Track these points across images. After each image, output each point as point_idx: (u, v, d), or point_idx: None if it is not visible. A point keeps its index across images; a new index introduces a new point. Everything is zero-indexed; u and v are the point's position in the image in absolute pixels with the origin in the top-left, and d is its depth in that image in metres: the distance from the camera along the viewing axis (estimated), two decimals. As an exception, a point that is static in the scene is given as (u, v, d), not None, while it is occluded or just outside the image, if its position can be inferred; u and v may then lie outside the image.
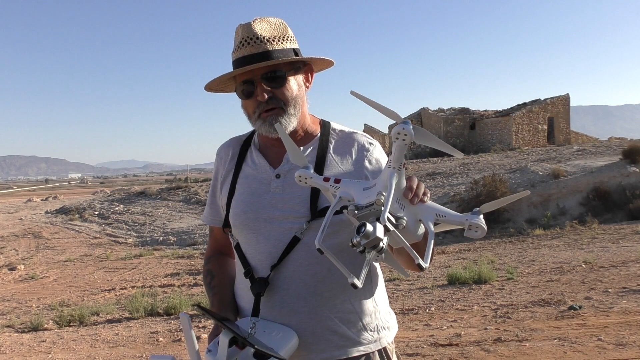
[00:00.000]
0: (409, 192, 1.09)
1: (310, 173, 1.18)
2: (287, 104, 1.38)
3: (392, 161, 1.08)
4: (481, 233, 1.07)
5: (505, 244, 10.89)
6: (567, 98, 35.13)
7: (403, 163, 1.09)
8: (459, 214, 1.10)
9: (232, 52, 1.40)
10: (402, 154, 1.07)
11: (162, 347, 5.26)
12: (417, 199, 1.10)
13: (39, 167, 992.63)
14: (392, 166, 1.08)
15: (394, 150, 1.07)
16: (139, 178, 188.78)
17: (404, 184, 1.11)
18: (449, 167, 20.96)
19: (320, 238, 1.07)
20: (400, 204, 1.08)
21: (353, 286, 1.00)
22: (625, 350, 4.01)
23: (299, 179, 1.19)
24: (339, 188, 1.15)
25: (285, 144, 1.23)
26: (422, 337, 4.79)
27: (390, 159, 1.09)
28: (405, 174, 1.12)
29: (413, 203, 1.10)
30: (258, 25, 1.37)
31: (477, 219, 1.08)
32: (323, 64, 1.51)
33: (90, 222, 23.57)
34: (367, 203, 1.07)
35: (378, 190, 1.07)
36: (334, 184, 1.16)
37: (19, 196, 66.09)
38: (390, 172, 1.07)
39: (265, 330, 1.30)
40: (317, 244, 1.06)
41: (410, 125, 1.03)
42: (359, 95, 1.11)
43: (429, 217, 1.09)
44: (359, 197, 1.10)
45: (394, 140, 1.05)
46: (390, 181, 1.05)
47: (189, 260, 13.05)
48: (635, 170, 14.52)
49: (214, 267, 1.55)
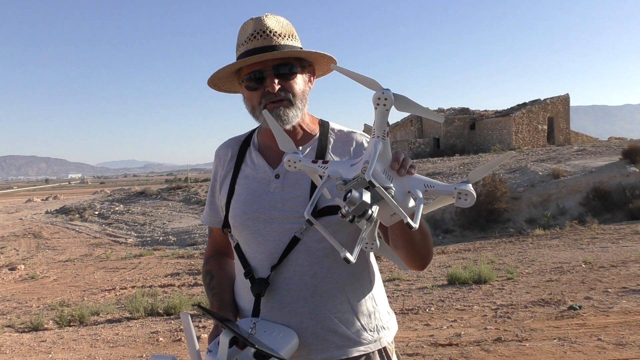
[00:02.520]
0: (395, 164, 1.08)
1: (299, 156, 1.18)
2: (295, 97, 1.38)
3: (375, 129, 1.07)
4: (471, 200, 1.07)
5: (505, 244, 10.89)
6: (567, 98, 35.15)
7: (386, 131, 1.07)
8: (447, 184, 1.10)
9: (240, 44, 1.40)
10: (385, 120, 1.06)
11: (162, 347, 5.26)
12: (404, 170, 1.09)
13: (39, 167, 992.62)
14: (376, 135, 1.07)
15: (375, 117, 1.06)
16: (139, 178, 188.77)
17: (390, 155, 1.10)
18: (449, 167, 20.96)
19: (309, 210, 1.06)
20: (388, 175, 1.07)
21: (345, 260, 0.99)
22: (625, 350, 4.01)
23: (288, 164, 1.19)
24: (327, 168, 1.14)
25: (273, 130, 1.22)
26: (422, 337, 4.80)
27: (374, 128, 1.07)
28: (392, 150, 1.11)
29: (400, 174, 1.09)
30: (269, 20, 1.39)
31: (466, 185, 1.07)
32: (323, 69, 1.52)
33: (90, 222, 23.58)
34: (355, 176, 1.06)
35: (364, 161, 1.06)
36: (323, 164, 1.16)
37: (19, 196, 66.11)
38: (375, 141, 1.06)
39: (266, 331, 1.30)
40: (307, 214, 1.05)
41: (390, 91, 1.03)
42: (339, 68, 1.12)
43: (417, 188, 1.08)
44: (346, 173, 1.10)
45: (375, 106, 1.04)
46: (375, 147, 1.04)
47: (189, 260, 13.05)
48: (635, 170, 14.53)
49: (213, 267, 1.55)
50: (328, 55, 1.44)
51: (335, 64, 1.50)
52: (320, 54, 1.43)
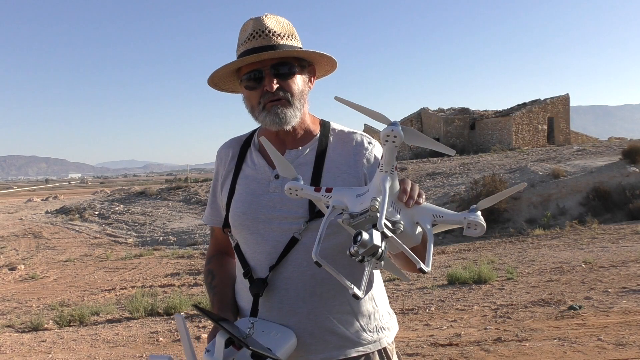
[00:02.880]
0: (403, 195, 1.07)
1: (300, 185, 1.17)
2: (293, 97, 1.38)
3: (383, 165, 1.05)
4: (480, 231, 1.05)
5: (505, 244, 10.89)
6: (567, 98, 35.15)
7: (395, 166, 1.06)
8: (456, 213, 1.08)
9: (240, 44, 1.40)
10: (393, 156, 1.04)
11: (162, 347, 5.26)
12: (412, 201, 1.08)
13: (39, 167, 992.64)
14: (384, 170, 1.05)
15: (384, 153, 1.04)
16: (139, 178, 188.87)
17: (398, 187, 1.08)
18: (448, 167, 20.96)
19: (317, 250, 1.04)
20: (396, 207, 1.06)
21: (355, 297, 0.96)
22: (625, 350, 4.01)
23: (289, 192, 1.17)
24: (331, 197, 1.12)
25: (272, 156, 1.21)
26: (422, 337, 4.80)
27: (382, 163, 1.06)
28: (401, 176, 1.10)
29: (408, 206, 1.08)
30: (269, 20, 1.39)
31: (475, 216, 1.05)
32: (324, 69, 1.52)
33: (90, 222, 23.58)
34: (362, 210, 1.04)
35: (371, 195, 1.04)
36: (326, 193, 1.14)
37: (19, 196, 66.11)
38: (383, 176, 1.04)
39: (264, 331, 1.30)
40: (315, 256, 1.03)
41: (399, 126, 1.01)
42: (343, 100, 1.09)
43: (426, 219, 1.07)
44: (352, 205, 1.08)
45: (383, 143, 1.02)
46: (384, 185, 1.02)
47: (189, 260, 13.05)
48: (635, 170, 14.52)
49: (214, 267, 1.56)
50: (327, 55, 1.44)
51: (336, 64, 1.49)
52: (319, 53, 1.43)
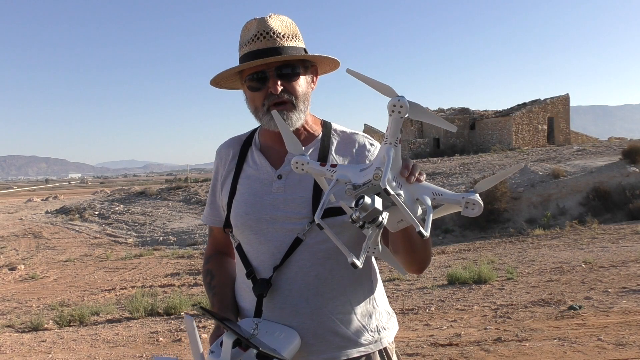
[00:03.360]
0: (405, 171, 1.09)
1: (306, 159, 1.17)
2: (297, 99, 1.38)
3: (388, 136, 1.07)
4: (478, 210, 1.07)
5: (505, 244, 10.89)
6: (567, 98, 35.16)
7: (399, 138, 1.07)
8: (455, 193, 1.10)
9: (243, 45, 1.39)
10: (398, 128, 1.06)
11: (162, 347, 5.26)
12: (413, 177, 1.09)
13: (39, 167, 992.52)
14: (389, 141, 1.06)
15: (389, 124, 1.06)
16: (139, 178, 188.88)
17: (400, 162, 1.10)
18: (449, 167, 20.96)
19: (319, 214, 1.05)
20: (397, 182, 1.08)
21: (353, 265, 0.99)
22: (625, 350, 4.01)
23: (296, 166, 1.18)
24: (335, 171, 1.14)
25: (282, 131, 1.22)
26: (422, 337, 4.80)
27: (387, 134, 1.07)
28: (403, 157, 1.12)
29: (410, 182, 1.09)
30: (273, 21, 1.38)
31: (473, 195, 1.07)
32: (326, 68, 1.52)
33: (90, 222, 23.59)
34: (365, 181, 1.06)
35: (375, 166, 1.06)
36: (331, 168, 1.15)
37: (19, 196, 66.12)
38: (387, 147, 1.06)
39: (268, 331, 1.30)
40: (317, 219, 1.04)
41: (405, 99, 1.02)
42: (354, 72, 1.11)
43: (426, 195, 1.09)
44: (355, 178, 1.09)
45: (389, 113, 1.04)
46: (388, 154, 1.04)
47: (189, 260, 13.06)
48: (635, 170, 14.53)
49: (213, 266, 1.55)
50: (331, 58, 1.44)
51: (339, 65, 1.50)
52: (323, 57, 1.43)
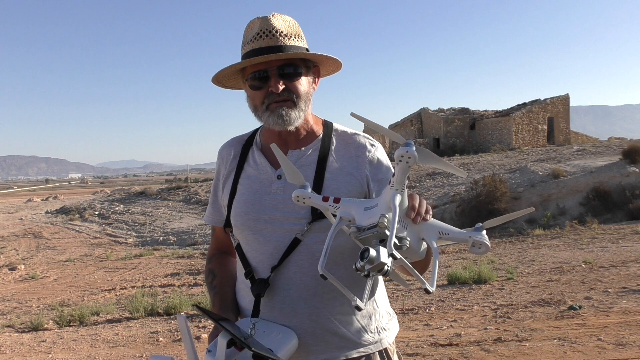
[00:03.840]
0: (411, 212, 1.08)
1: (308, 193, 1.17)
2: (298, 98, 1.38)
3: (395, 183, 1.05)
4: (485, 250, 1.06)
5: (505, 244, 10.89)
6: (567, 98, 35.15)
7: (406, 184, 1.07)
8: (462, 231, 1.09)
9: (245, 43, 1.39)
10: (405, 176, 1.05)
11: (162, 347, 5.26)
12: (419, 217, 1.08)
13: (39, 167, 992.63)
14: (395, 188, 1.05)
15: (396, 172, 1.05)
16: (139, 178, 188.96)
17: (406, 203, 1.09)
18: (449, 167, 20.92)
19: (323, 263, 1.05)
20: (403, 223, 1.07)
21: (357, 309, 0.99)
22: (625, 350, 4.01)
23: (297, 200, 1.17)
24: (338, 208, 1.13)
25: (281, 163, 1.21)
26: (422, 337, 4.80)
27: (393, 181, 1.06)
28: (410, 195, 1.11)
29: (416, 222, 1.08)
30: (276, 20, 1.38)
31: (480, 235, 1.07)
32: (328, 69, 1.52)
33: (90, 222, 23.58)
34: (370, 224, 1.05)
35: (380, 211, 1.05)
36: (334, 203, 1.14)
37: (19, 196, 66.11)
38: (393, 194, 1.05)
39: (265, 331, 1.31)
40: (321, 269, 1.04)
41: (413, 147, 1.02)
42: (359, 116, 1.10)
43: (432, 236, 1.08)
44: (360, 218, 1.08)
45: (397, 162, 1.03)
46: (394, 203, 1.02)
47: (189, 260, 13.05)
48: (635, 170, 14.52)
49: (215, 266, 1.55)
50: (333, 57, 1.44)
51: (341, 66, 1.49)
52: (325, 56, 1.43)
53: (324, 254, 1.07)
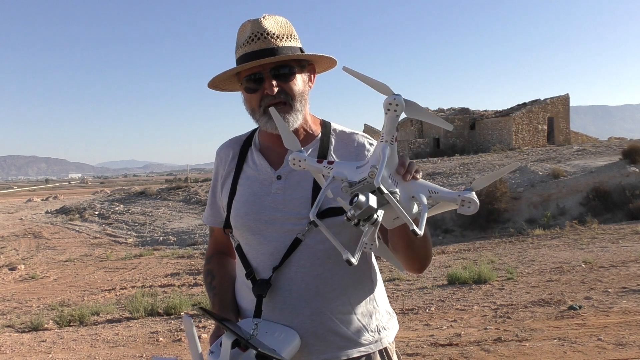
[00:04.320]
0: (401, 169, 1.09)
1: (304, 155, 1.18)
2: (294, 99, 1.38)
3: (384, 134, 1.07)
4: (474, 208, 1.07)
5: (505, 244, 10.89)
6: (567, 98, 35.16)
7: (395, 136, 1.08)
8: (451, 191, 1.11)
9: (238, 47, 1.39)
10: (394, 126, 1.07)
11: (162, 347, 5.26)
12: (409, 175, 1.09)
13: (39, 167, 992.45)
14: (385, 139, 1.07)
15: (385, 122, 1.07)
16: (139, 178, 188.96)
17: (397, 160, 1.10)
18: (449, 167, 20.95)
19: (314, 211, 1.06)
20: (393, 180, 1.08)
21: (348, 262, 0.99)
22: (625, 350, 4.01)
23: (293, 162, 1.19)
24: (332, 169, 1.14)
25: (279, 128, 1.22)
26: (422, 337, 4.80)
27: (382, 132, 1.08)
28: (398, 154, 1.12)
29: (406, 179, 1.09)
30: (267, 22, 1.38)
31: (470, 193, 1.08)
32: (324, 66, 1.51)
33: (90, 222, 23.58)
34: (361, 179, 1.06)
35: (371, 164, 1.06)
36: (328, 165, 1.16)
37: (19, 196, 66.12)
38: (383, 145, 1.07)
39: (267, 332, 1.31)
40: (312, 216, 1.06)
41: (401, 97, 1.03)
42: (351, 70, 1.11)
43: (422, 193, 1.09)
44: (352, 175, 1.10)
45: (385, 111, 1.05)
46: (383, 152, 1.05)
47: (189, 260, 13.06)
48: (635, 170, 14.53)
49: (214, 267, 1.55)
50: (326, 56, 1.44)
51: (336, 63, 1.50)
52: (319, 55, 1.43)
53: (316, 204, 1.08)
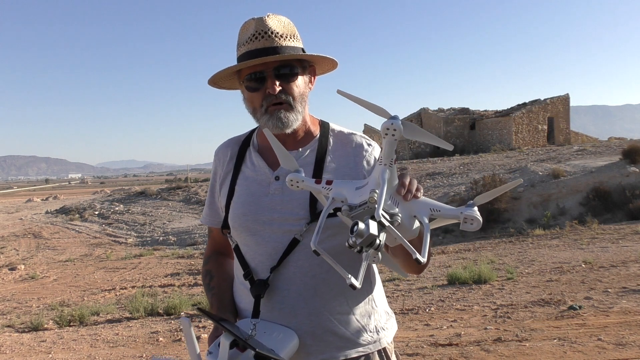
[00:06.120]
0: (402, 189, 1.09)
1: (301, 176, 1.18)
2: (295, 100, 1.38)
3: (383, 158, 1.07)
4: (476, 225, 1.06)
5: (505, 244, 10.89)
6: (567, 98, 35.15)
7: (394, 159, 1.07)
8: (453, 208, 1.10)
9: (241, 44, 1.39)
10: (393, 149, 1.06)
11: (162, 347, 5.26)
12: (410, 195, 1.09)
13: (39, 167, 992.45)
14: (383, 163, 1.07)
15: (383, 146, 1.06)
16: (139, 178, 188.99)
17: (397, 180, 1.10)
18: (448, 167, 20.95)
19: (315, 240, 1.06)
20: (394, 200, 1.07)
21: (351, 287, 0.99)
22: (625, 350, 4.01)
23: (291, 183, 1.18)
24: (331, 189, 1.14)
25: (275, 149, 1.22)
26: (422, 337, 4.80)
27: (381, 156, 1.08)
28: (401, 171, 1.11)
29: (406, 199, 1.09)
30: (271, 21, 1.38)
31: (472, 210, 1.06)
32: (324, 68, 1.52)
33: (90, 222, 23.57)
34: (361, 202, 1.06)
35: (370, 188, 1.06)
36: (326, 185, 1.15)
37: (19, 196, 66.12)
38: (382, 169, 1.06)
39: (266, 332, 1.31)
40: (313, 245, 1.05)
41: (399, 120, 1.03)
42: (345, 93, 1.10)
43: (423, 213, 1.08)
44: (351, 197, 1.09)
45: (383, 136, 1.04)
46: (383, 177, 1.04)
47: (189, 260, 13.05)
48: (635, 170, 14.52)
49: (213, 267, 1.55)
50: (329, 57, 1.44)
51: (337, 65, 1.49)
52: (321, 57, 1.43)
53: (317, 231, 1.07)
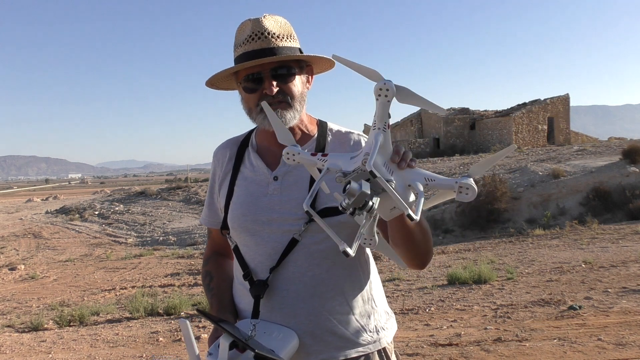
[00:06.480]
0: (396, 157, 1.08)
1: (298, 149, 1.17)
2: (293, 99, 1.38)
3: (376, 121, 1.05)
4: (472, 195, 1.05)
5: (505, 244, 10.89)
6: (567, 98, 35.17)
7: (387, 123, 1.06)
8: (448, 178, 1.08)
9: (237, 45, 1.39)
10: (386, 112, 1.05)
11: (162, 347, 5.26)
12: (404, 163, 1.08)
13: (39, 167, 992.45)
14: (377, 127, 1.05)
15: (376, 108, 1.05)
16: (139, 178, 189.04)
17: (391, 148, 1.09)
18: (449, 167, 20.95)
19: (308, 201, 1.05)
20: (388, 168, 1.06)
21: (344, 254, 0.97)
22: (625, 350, 4.01)
23: (287, 157, 1.17)
24: (326, 160, 1.13)
25: (272, 123, 1.22)
26: (422, 337, 4.80)
27: (374, 119, 1.06)
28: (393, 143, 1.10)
29: (401, 167, 1.08)
30: (268, 22, 1.38)
31: (467, 179, 1.06)
32: (322, 67, 1.52)
33: (90, 222, 23.58)
34: (355, 168, 1.05)
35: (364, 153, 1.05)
36: (322, 157, 1.15)
37: (19, 196, 66.13)
38: (376, 133, 1.05)
39: (266, 332, 1.31)
40: (305, 206, 1.04)
41: (392, 82, 1.02)
42: (340, 58, 1.11)
43: (418, 181, 1.07)
44: (346, 165, 1.08)
45: (376, 98, 1.03)
46: (376, 138, 1.03)
47: (189, 260, 13.05)
48: (635, 170, 14.52)
49: (212, 268, 1.55)
50: (326, 58, 1.44)
51: (334, 65, 1.49)
52: (319, 57, 1.43)
53: (311, 194, 1.07)
